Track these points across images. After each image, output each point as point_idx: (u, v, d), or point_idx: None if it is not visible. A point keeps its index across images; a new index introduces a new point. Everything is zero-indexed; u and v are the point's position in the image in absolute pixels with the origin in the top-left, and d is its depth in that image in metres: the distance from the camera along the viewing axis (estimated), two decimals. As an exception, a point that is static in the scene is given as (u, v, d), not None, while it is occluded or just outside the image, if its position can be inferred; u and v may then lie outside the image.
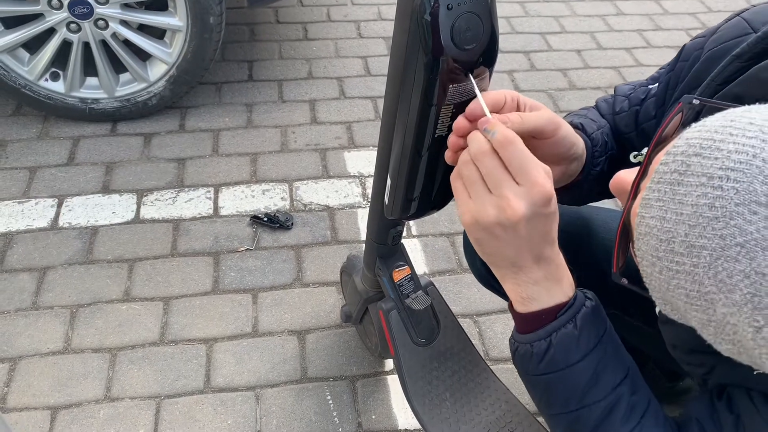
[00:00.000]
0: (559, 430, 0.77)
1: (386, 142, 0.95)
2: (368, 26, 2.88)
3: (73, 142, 2.20)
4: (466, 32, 0.72)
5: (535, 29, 2.97)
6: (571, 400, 0.72)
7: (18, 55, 2.10)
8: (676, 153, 0.53)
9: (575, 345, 0.70)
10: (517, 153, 0.65)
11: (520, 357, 0.74)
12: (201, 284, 1.78)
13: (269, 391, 1.55)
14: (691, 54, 0.89)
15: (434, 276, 1.85)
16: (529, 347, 0.72)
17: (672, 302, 0.55)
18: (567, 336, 0.70)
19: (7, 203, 1.97)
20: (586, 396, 0.71)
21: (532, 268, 0.69)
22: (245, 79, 2.53)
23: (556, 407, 0.74)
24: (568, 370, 0.70)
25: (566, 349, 0.70)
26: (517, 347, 0.74)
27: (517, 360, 0.75)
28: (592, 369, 0.71)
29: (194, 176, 2.11)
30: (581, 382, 0.71)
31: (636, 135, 0.98)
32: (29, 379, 1.54)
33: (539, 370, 0.72)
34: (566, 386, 0.71)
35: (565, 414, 0.73)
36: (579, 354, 0.70)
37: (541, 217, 0.66)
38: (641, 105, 0.99)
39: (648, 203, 0.54)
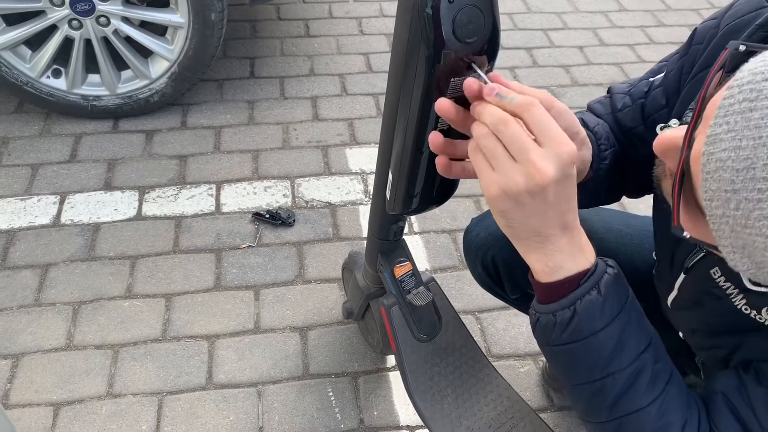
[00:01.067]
0: (581, 403, 0.75)
1: (388, 138, 0.95)
2: (370, 23, 2.88)
3: (75, 139, 2.20)
4: (468, 25, 0.71)
5: (537, 25, 2.97)
6: (595, 369, 0.70)
7: (20, 52, 2.10)
8: (741, 84, 0.52)
9: (599, 312, 0.68)
10: (538, 114, 0.63)
11: (542, 328, 0.72)
12: (203, 281, 1.78)
13: (271, 388, 1.56)
14: (705, 35, 0.88)
15: (436, 272, 1.84)
16: (552, 317, 0.70)
17: (748, 244, 0.52)
18: (591, 303, 0.67)
19: (10, 200, 1.97)
20: (611, 364, 0.70)
21: (557, 235, 0.67)
22: (247, 76, 2.53)
23: (579, 377, 0.72)
24: (592, 338, 0.68)
25: (591, 317, 0.68)
26: (538, 318, 0.72)
27: (538, 331, 0.73)
28: (616, 336, 0.69)
29: (196, 173, 2.11)
30: (606, 349, 0.69)
31: (645, 128, 0.97)
32: (32, 376, 1.54)
33: (562, 340, 0.70)
34: (590, 354, 0.70)
35: (589, 384, 0.72)
36: (603, 321, 0.68)
37: (569, 179, 0.64)
38: (646, 97, 0.98)
39: (716, 138, 0.52)
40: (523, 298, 1.29)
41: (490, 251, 1.24)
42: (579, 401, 0.75)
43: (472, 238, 1.29)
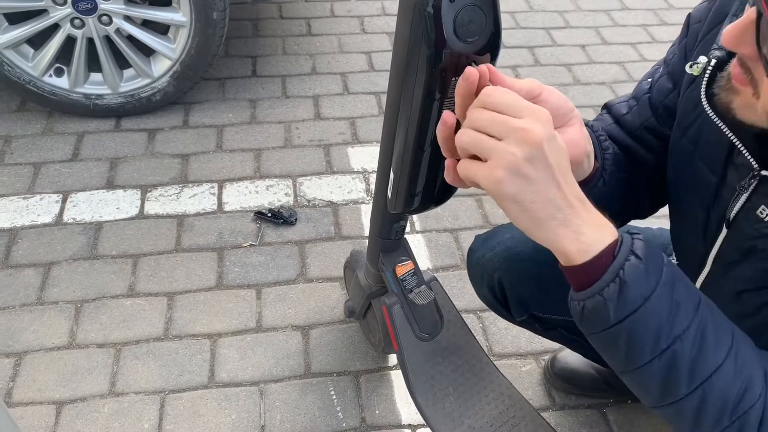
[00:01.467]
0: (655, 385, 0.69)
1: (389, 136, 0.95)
2: (372, 21, 2.88)
3: (78, 137, 2.21)
4: (469, 25, 0.71)
5: (540, 24, 2.96)
6: (660, 338, 0.65)
7: (22, 51, 2.10)
8: None
9: (644, 275, 0.64)
10: (498, 97, 0.64)
11: (591, 312, 0.67)
12: (205, 280, 1.78)
13: (273, 386, 1.56)
14: (702, 13, 0.90)
15: (438, 272, 1.84)
16: (600, 297, 0.65)
17: None
18: (634, 268, 0.64)
19: (12, 199, 1.98)
20: (674, 327, 0.65)
21: (577, 206, 0.65)
22: (249, 75, 2.53)
23: (645, 354, 0.66)
24: (646, 305, 0.64)
25: (638, 282, 0.64)
26: (583, 306, 0.67)
27: (586, 320, 0.68)
28: (668, 296, 0.65)
29: (198, 172, 2.11)
30: (664, 312, 0.65)
31: (656, 117, 0.98)
32: (34, 374, 1.55)
33: (617, 317, 0.65)
34: (650, 323, 0.65)
35: (658, 358, 0.66)
36: (651, 283, 0.64)
37: (556, 139, 0.64)
38: (651, 91, 0.99)
39: None
40: (529, 320, 1.26)
41: (497, 273, 1.22)
42: (651, 384, 0.69)
43: (477, 259, 1.26)
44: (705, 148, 0.87)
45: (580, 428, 1.51)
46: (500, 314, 1.31)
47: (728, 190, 0.83)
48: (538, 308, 1.22)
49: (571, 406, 1.56)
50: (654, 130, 0.99)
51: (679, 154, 0.93)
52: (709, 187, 0.87)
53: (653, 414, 1.52)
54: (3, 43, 2.03)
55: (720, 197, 0.85)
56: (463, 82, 0.68)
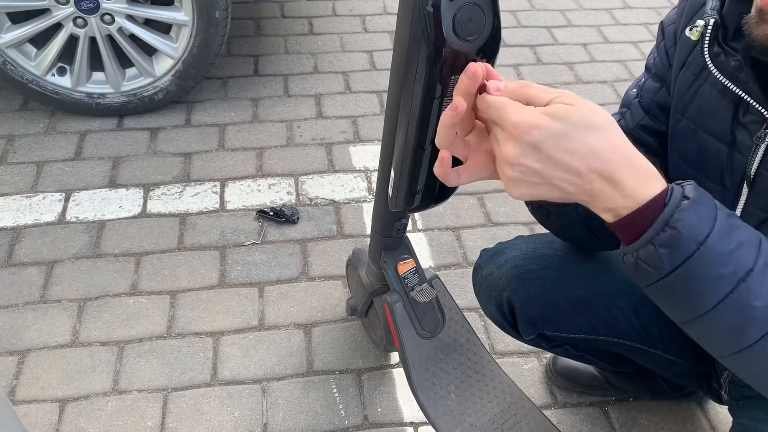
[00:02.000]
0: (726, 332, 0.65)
1: (390, 135, 0.96)
2: (373, 20, 2.88)
3: (80, 136, 2.21)
4: (468, 23, 0.72)
5: (541, 23, 2.96)
6: (723, 279, 0.62)
7: (25, 50, 2.11)
8: None
9: (697, 216, 0.61)
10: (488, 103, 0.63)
11: (646, 262, 0.63)
12: (207, 278, 1.79)
13: (275, 384, 1.56)
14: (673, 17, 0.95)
15: (440, 270, 1.85)
16: (651, 246, 0.61)
17: None
18: (686, 211, 0.60)
19: (15, 198, 1.98)
20: (738, 265, 0.62)
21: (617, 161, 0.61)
22: (251, 74, 2.53)
23: (709, 297, 0.63)
24: (704, 247, 0.61)
25: (692, 224, 0.60)
26: (636, 258, 0.64)
27: (641, 271, 0.64)
28: (727, 234, 0.62)
29: (200, 171, 2.11)
30: (724, 251, 0.61)
31: (649, 116, 1.01)
32: (38, 372, 1.56)
33: (674, 264, 0.61)
34: (711, 265, 0.61)
35: (729, 298, 0.62)
36: (707, 223, 0.61)
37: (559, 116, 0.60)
38: (640, 95, 1.03)
39: None
40: (537, 338, 1.25)
41: (505, 292, 1.19)
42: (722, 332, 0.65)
43: (484, 276, 1.24)
44: (708, 119, 0.89)
45: (581, 426, 1.51)
46: (508, 332, 1.28)
47: (742, 150, 0.84)
48: (548, 327, 1.20)
49: (572, 404, 1.56)
50: (649, 128, 1.02)
51: (681, 137, 0.94)
52: (719, 156, 0.88)
53: (655, 412, 1.53)
54: (6, 42, 2.03)
55: (734, 161, 0.86)
56: (466, 79, 0.66)
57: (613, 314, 1.15)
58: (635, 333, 1.17)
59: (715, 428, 1.52)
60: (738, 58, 0.80)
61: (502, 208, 2.03)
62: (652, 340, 1.17)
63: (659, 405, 1.55)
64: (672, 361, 1.20)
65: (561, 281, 1.16)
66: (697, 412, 1.54)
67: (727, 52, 0.82)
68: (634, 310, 1.15)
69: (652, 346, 1.18)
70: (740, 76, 0.80)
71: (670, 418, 1.53)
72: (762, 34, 0.74)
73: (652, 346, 1.18)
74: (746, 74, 0.80)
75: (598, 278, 1.16)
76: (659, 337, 1.17)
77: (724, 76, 0.82)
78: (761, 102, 0.79)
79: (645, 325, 1.16)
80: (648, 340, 1.17)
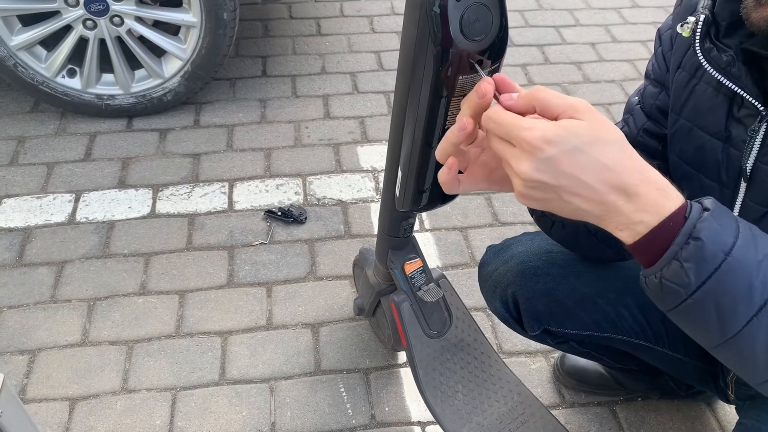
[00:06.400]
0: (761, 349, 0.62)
1: (397, 135, 0.96)
2: (381, 21, 2.88)
3: (90, 138, 2.23)
4: (475, 23, 0.72)
5: (549, 22, 2.96)
6: (753, 293, 0.59)
7: (35, 52, 2.13)
8: None
9: (720, 226, 0.59)
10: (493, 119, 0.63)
11: (670, 282, 0.61)
12: (216, 278, 1.80)
13: (283, 383, 1.57)
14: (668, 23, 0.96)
15: (447, 270, 1.85)
16: (676, 262, 0.60)
17: None
18: (707, 222, 0.59)
19: (26, 198, 2.00)
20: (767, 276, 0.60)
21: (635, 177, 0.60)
22: (259, 75, 2.54)
23: (741, 315, 0.60)
24: (730, 258, 0.59)
25: (716, 233, 0.59)
26: (661, 278, 0.61)
27: (667, 292, 0.62)
28: (752, 244, 0.60)
29: (209, 171, 2.13)
30: (751, 262, 0.59)
31: (651, 120, 1.03)
32: (48, 371, 1.57)
33: (701, 279, 0.59)
34: (739, 277, 0.59)
35: (757, 316, 0.60)
36: (730, 233, 0.59)
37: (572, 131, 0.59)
38: (641, 102, 1.06)
39: None
40: (542, 334, 1.25)
41: (510, 288, 1.20)
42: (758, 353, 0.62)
43: (489, 272, 1.25)
44: (703, 116, 0.90)
45: (589, 426, 1.51)
46: (512, 328, 1.29)
47: (737, 145, 0.85)
48: (553, 323, 1.21)
49: (580, 404, 1.56)
50: (652, 132, 1.03)
51: (679, 136, 0.96)
52: (714, 153, 0.89)
53: (663, 411, 1.53)
54: (16, 45, 2.05)
55: (730, 157, 0.87)
56: (476, 97, 0.65)
57: (619, 311, 1.15)
58: (641, 331, 1.17)
59: (724, 428, 1.51)
60: (730, 54, 0.81)
61: (510, 208, 2.03)
62: (657, 338, 1.17)
63: (667, 404, 1.55)
64: (678, 360, 1.20)
65: (566, 278, 1.17)
66: (706, 412, 1.54)
67: (720, 48, 0.82)
68: (640, 307, 1.15)
69: (657, 343, 1.18)
70: (733, 70, 0.81)
71: (678, 418, 1.53)
72: (760, 17, 0.74)
73: (657, 344, 1.18)
74: (738, 68, 0.80)
75: (603, 275, 1.17)
76: (665, 335, 1.17)
77: (717, 71, 0.82)
78: (754, 95, 0.80)
79: (651, 323, 1.16)
80: (654, 338, 1.17)
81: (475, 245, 1.92)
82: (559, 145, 0.58)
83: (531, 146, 0.59)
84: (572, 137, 0.58)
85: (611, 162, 0.59)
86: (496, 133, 0.63)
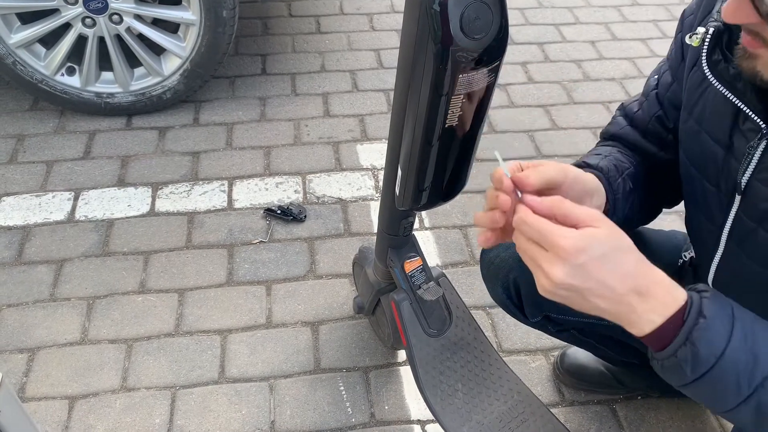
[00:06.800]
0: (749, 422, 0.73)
1: (397, 133, 0.96)
2: (381, 19, 2.88)
3: (89, 136, 2.23)
4: (476, 21, 0.72)
5: (549, 20, 2.95)
6: (741, 387, 0.69)
7: (34, 50, 2.12)
8: None
9: (714, 333, 0.68)
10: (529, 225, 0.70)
11: (670, 372, 0.71)
12: (215, 276, 1.80)
13: (283, 382, 1.57)
14: (693, 8, 0.94)
15: (447, 268, 1.85)
16: (675, 358, 0.69)
17: None
18: (702, 329, 0.67)
19: (25, 197, 2.00)
20: (754, 375, 0.68)
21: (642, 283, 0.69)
22: (258, 73, 2.54)
23: (730, 401, 0.70)
24: (721, 361, 0.68)
25: (708, 343, 0.67)
26: (662, 365, 0.72)
27: (667, 375, 0.73)
28: (743, 347, 0.68)
29: (208, 169, 2.12)
30: (741, 363, 0.68)
31: (663, 110, 1.03)
32: (47, 369, 1.57)
33: (696, 374, 0.69)
34: (729, 376, 0.68)
35: (745, 402, 0.70)
36: (722, 341, 0.68)
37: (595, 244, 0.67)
38: (657, 87, 1.04)
39: None
40: (543, 321, 1.26)
41: (512, 273, 1.21)
42: (745, 422, 0.74)
43: (491, 258, 1.25)
44: (710, 121, 0.90)
45: (589, 424, 1.51)
46: (513, 314, 1.30)
47: (736, 157, 0.85)
48: (554, 309, 1.21)
49: (580, 402, 1.56)
50: (663, 122, 1.03)
51: (688, 136, 0.95)
52: (716, 160, 0.89)
53: (663, 410, 1.53)
54: (15, 43, 2.05)
55: (729, 166, 0.87)
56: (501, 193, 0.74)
57: None
58: None
59: (724, 427, 1.51)
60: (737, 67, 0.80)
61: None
62: None
63: (668, 403, 1.55)
64: None
65: None
66: (706, 411, 1.54)
67: (728, 59, 0.81)
68: None
69: None
70: (738, 85, 0.81)
71: (678, 417, 1.53)
72: (748, 67, 0.75)
73: None
74: (744, 84, 0.80)
75: None
76: None
77: (723, 84, 0.82)
78: (757, 111, 0.79)
79: None
80: None
81: (474, 244, 1.91)
82: (589, 253, 0.66)
83: (566, 253, 0.66)
84: (598, 245, 0.67)
85: (630, 267, 0.68)
86: (528, 236, 0.70)
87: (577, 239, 0.66)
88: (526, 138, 2.30)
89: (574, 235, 0.67)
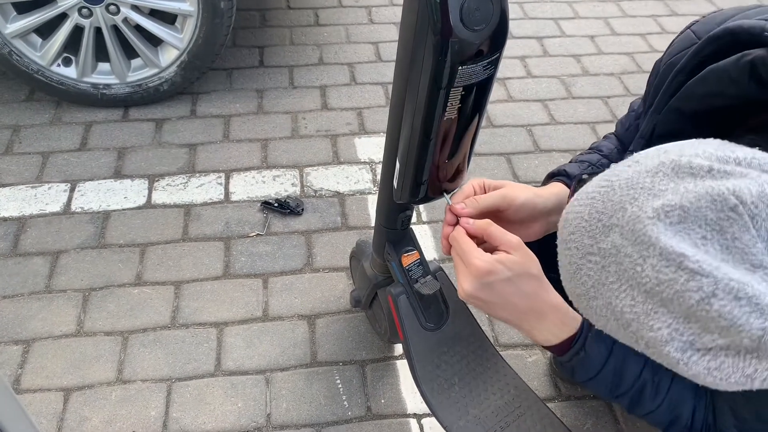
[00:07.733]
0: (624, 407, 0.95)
1: (395, 126, 0.95)
2: (379, 12, 2.87)
3: (86, 127, 2.22)
4: (476, 12, 0.71)
5: (548, 15, 2.94)
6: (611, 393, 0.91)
7: (30, 40, 2.11)
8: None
9: (589, 364, 0.87)
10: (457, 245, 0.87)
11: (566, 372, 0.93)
12: (212, 269, 1.79)
13: (279, 375, 1.57)
14: (657, 69, 0.98)
15: (444, 262, 1.84)
16: (570, 367, 0.89)
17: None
18: (581, 360, 0.87)
19: (21, 188, 1.99)
20: (617, 389, 0.90)
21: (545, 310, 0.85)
22: (256, 65, 2.53)
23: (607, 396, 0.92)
24: (594, 379, 0.89)
25: (585, 368, 0.88)
26: (561, 365, 0.92)
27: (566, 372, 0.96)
28: (611, 373, 0.87)
29: (205, 162, 2.11)
30: (606, 383, 0.89)
31: None
32: (43, 361, 1.56)
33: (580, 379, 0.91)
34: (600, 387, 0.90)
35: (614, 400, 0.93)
36: (594, 369, 0.87)
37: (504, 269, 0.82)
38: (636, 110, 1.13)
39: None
40: None
41: None
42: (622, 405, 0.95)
43: None
44: None
45: (585, 419, 1.51)
46: None
47: None
48: None
49: (576, 397, 1.56)
50: None
51: None
52: None
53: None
54: (11, 33, 2.03)
55: None
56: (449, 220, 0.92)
57: None
58: None
59: (719, 422, 1.52)
60: None
61: (507, 201, 2.02)
62: None
63: (663, 399, 1.55)
64: None
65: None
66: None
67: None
68: None
69: None
70: None
71: (674, 412, 1.53)
72: None
73: None
74: None
75: None
76: None
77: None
78: None
79: None
80: None
81: (472, 238, 1.91)
82: (497, 275, 0.81)
83: (478, 272, 0.81)
84: (505, 270, 0.81)
85: (531, 291, 0.83)
86: (456, 251, 0.87)
87: (488, 263, 0.81)
88: (524, 132, 2.29)
89: (487, 259, 0.81)
